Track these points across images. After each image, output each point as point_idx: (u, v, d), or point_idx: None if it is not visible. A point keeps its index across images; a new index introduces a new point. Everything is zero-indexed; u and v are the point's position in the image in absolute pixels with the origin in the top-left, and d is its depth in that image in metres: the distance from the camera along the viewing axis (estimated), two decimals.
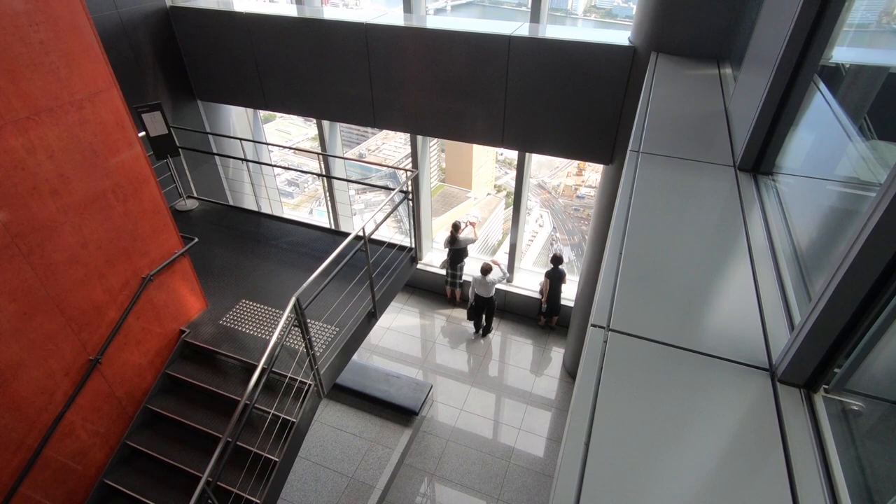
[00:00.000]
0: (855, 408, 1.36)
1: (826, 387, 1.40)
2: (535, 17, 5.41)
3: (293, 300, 3.35)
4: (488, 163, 17.19)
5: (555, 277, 6.81)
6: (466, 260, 7.48)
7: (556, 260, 6.75)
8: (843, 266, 1.26)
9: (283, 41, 5.95)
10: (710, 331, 1.59)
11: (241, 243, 5.46)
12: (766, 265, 1.86)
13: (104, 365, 3.65)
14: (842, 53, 2.31)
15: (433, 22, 5.45)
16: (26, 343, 3.14)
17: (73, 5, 3.05)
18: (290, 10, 6.07)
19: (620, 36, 4.68)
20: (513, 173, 7.76)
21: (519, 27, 5.03)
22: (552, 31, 5.02)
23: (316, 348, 3.89)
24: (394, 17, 5.64)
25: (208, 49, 6.46)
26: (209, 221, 5.81)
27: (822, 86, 2.34)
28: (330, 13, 6.01)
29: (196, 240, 4.29)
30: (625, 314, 1.62)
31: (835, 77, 2.34)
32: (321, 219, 10.17)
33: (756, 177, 2.38)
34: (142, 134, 4.98)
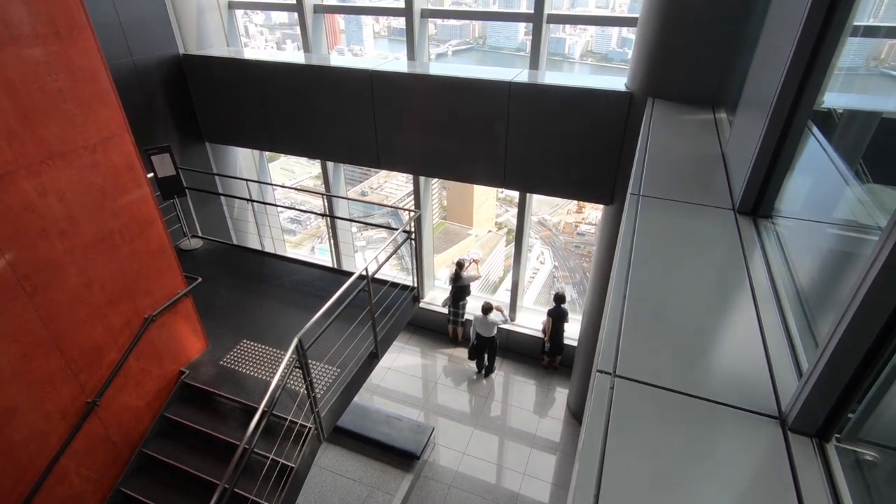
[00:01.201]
0: (869, 458, 1.33)
1: (838, 436, 1.37)
2: (534, 63, 5.61)
3: (295, 341, 3.33)
4: (489, 200, 17.39)
5: (557, 316, 6.77)
6: (469, 298, 7.46)
7: (559, 299, 6.73)
8: (848, 311, 1.26)
9: (290, 86, 6.15)
10: (718, 377, 1.58)
11: (244, 282, 5.48)
12: (770, 309, 1.86)
13: (102, 407, 3.59)
14: (833, 99, 2.38)
15: (436, 69, 5.64)
16: (24, 385, 3.11)
17: (91, 55, 3.17)
18: (299, 58, 6.31)
19: (617, 81, 4.84)
20: (513, 210, 7.84)
21: (519, 73, 5.21)
22: (551, 77, 5.19)
23: (317, 390, 3.84)
24: (398, 63, 5.85)
25: (218, 94, 6.67)
26: (213, 260, 5.84)
27: (815, 130, 2.40)
28: (336, 60, 6.24)
29: (199, 279, 4.31)
30: (631, 360, 1.61)
31: (828, 122, 2.40)
32: (323, 257, 10.21)
33: (756, 220, 2.41)
34: (150, 175, 5.09)
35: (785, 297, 1.93)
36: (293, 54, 6.80)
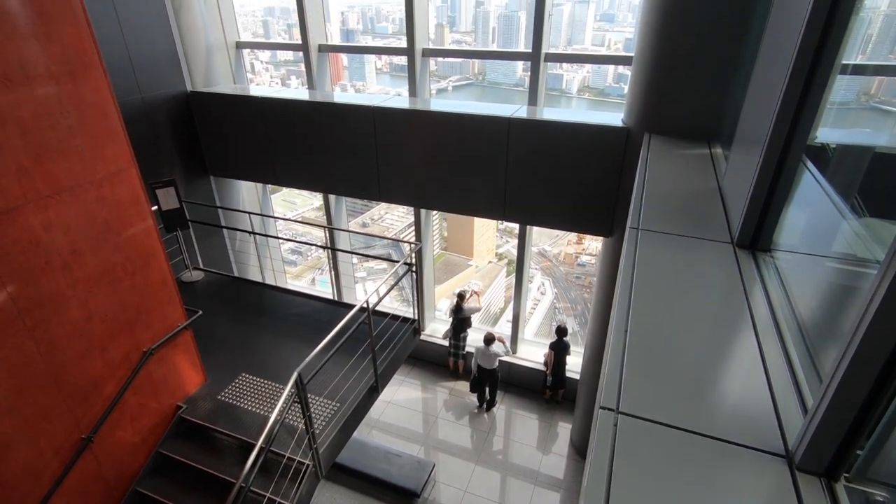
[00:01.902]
0: (880, 499, 1.30)
1: (847, 475, 1.35)
2: (532, 98, 5.75)
3: (295, 375, 3.30)
4: (490, 231, 17.49)
5: (559, 349, 6.71)
6: (469, 330, 7.41)
7: (561, 332, 6.68)
8: (850, 346, 1.26)
9: (294, 122, 6.29)
10: (722, 413, 1.56)
11: (245, 315, 5.46)
12: (772, 343, 1.86)
13: (96, 444, 3.52)
14: (827, 134, 2.43)
15: (437, 105, 5.78)
16: (19, 421, 3.06)
17: (102, 93, 3.27)
18: (303, 95, 6.48)
19: (614, 117, 4.95)
20: (514, 241, 7.89)
21: (518, 109, 5.34)
22: (549, 113, 5.32)
23: (316, 425, 3.78)
24: (399, 100, 6.01)
25: (223, 129, 6.82)
26: (214, 292, 5.84)
27: (810, 165, 2.44)
28: (340, 97, 6.41)
29: (200, 312, 4.30)
30: (634, 395, 1.60)
31: (822, 157, 2.45)
32: (324, 289, 10.20)
33: (755, 254, 2.43)
34: (154, 208, 5.15)
35: (787, 331, 1.92)
36: (297, 91, 6.98)
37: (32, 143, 2.91)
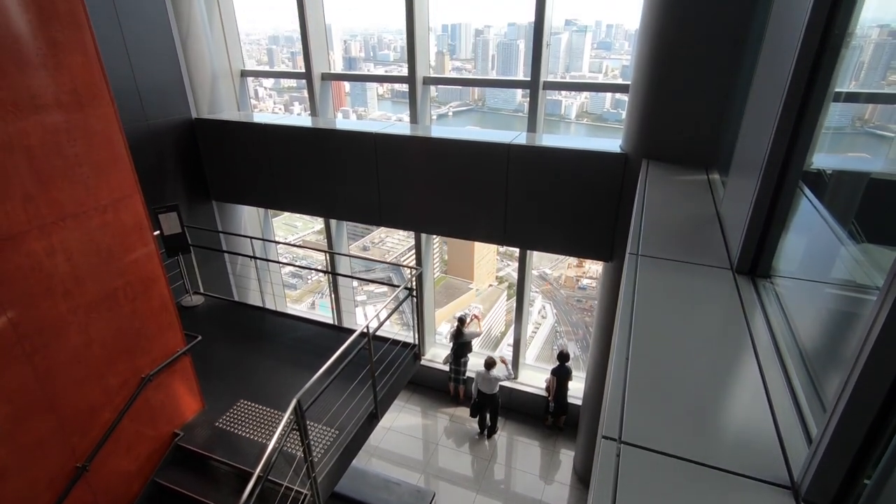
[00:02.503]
0: None
1: None
2: (531, 124, 5.85)
3: (294, 402, 3.27)
4: (490, 255, 17.51)
5: (561, 375, 6.64)
6: (470, 355, 7.36)
7: (563, 357, 6.63)
8: (852, 375, 1.26)
9: (297, 148, 6.38)
10: (726, 443, 1.55)
11: (244, 340, 5.43)
12: (774, 371, 1.85)
13: (91, 472, 3.46)
14: (823, 160, 2.45)
15: (437, 131, 5.88)
16: (14, 448, 3.02)
17: (109, 122, 3.33)
18: (305, 122, 6.59)
19: (612, 143, 5.02)
20: (514, 265, 7.89)
21: (517, 136, 5.43)
22: (548, 139, 5.40)
23: (314, 453, 3.72)
24: (401, 126, 6.10)
25: (226, 154, 6.91)
26: (214, 317, 5.83)
27: (807, 191, 2.46)
28: (342, 124, 6.51)
29: (199, 338, 4.28)
30: (636, 425, 1.58)
31: (819, 183, 2.47)
32: (324, 313, 10.17)
33: (754, 280, 2.44)
34: (156, 233, 5.18)
35: (789, 358, 1.92)
36: (299, 118, 7.10)
37: (39, 170, 2.95)
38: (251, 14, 7.66)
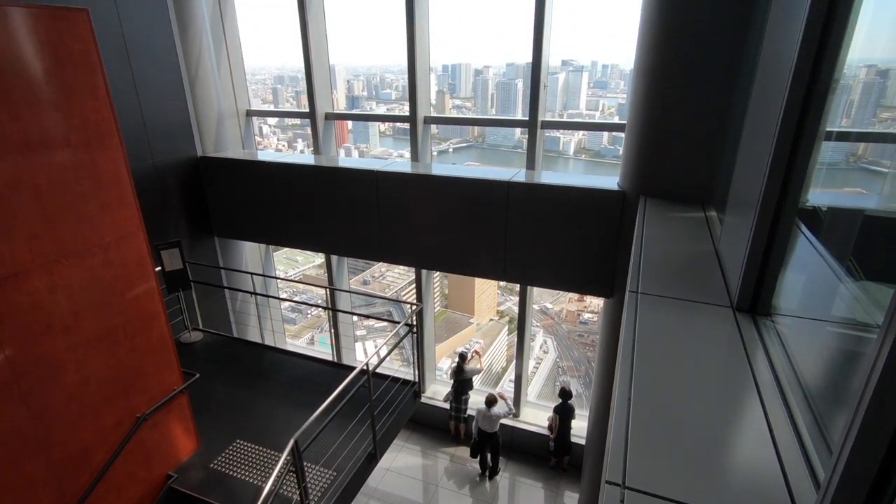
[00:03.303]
0: None
1: None
2: (530, 161, 5.96)
3: (291, 443, 3.20)
4: (490, 289, 17.46)
5: (564, 413, 6.52)
6: (471, 392, 7.24)
7: (565, 394, 6.52)
8: (857, 416, 1.24)
9: (299, 185, 6.48)
10: (731, 487, 1.51)
11: (242, 377, 5.37)
12: (778, 412, 1.83)
13: None
14: (818, 197, 2.48)
15: (438, 169, 5.98)
16: (3, 491, 2.94)
17: (116, 161, 3.40)
18: (308, 160, 6.72)
19: (610, 181, 5.10)
20: (515, 299, 7.86)
21: (516, 174, 5.52)
22: (547, 177, 5.49)
23: (311, 496, 3.62)
24: (402, 164, 6.22)
25: (230, 192, 7.01)
26: (212, 354, 5.78)
27: (804, 228, 2.48)
28: (344, 161, 6.64)
29: (197, 375, 4.23)
30: (640, 469, 1.55)
31: (815, 220, 2.49)
32: (323, 348, 10.07)
33: (755, 318, 2.43)
34: (158, 269, 5.19)
35: (792, 399, 1.89)
36: (302, 156, 7.24)
37: (45, 208, 3.00)
38: (257, 52, 7.92)
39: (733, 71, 3.98)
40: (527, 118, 5.81)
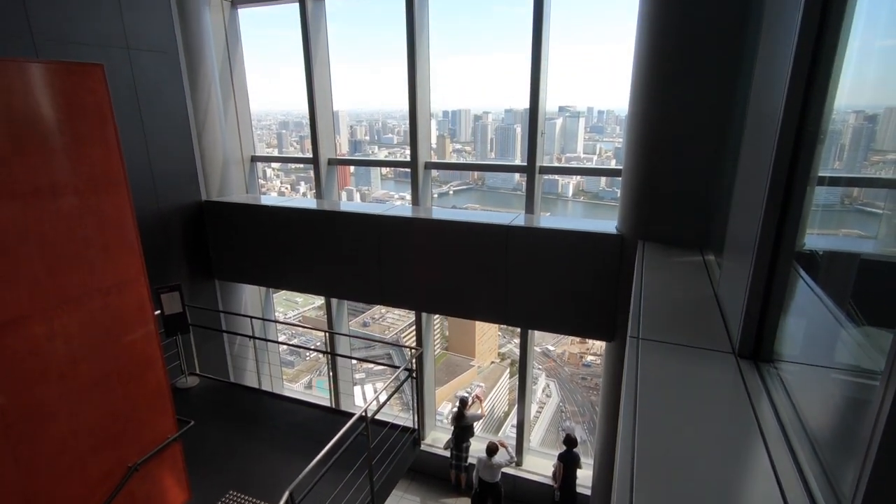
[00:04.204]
0: None
1: None
2: (529, 204, 6.04)
3: (286, 495, 3.10)
4: (492, 330, 17.29)
5: (569, 461, 6.32)
6: (472, 439, 7.04)
7: (570, 442, 6.33)
8: (866, 466, 1.22)
9: (300, 229, 6.56)
10: None
11: (238, 424, 5.24)
12: (785, 461, 1.78)
13: None
14: (814, 241, 2.49)
15: (438, 213, 6.07)
16: None
17: (122, 208, 3.45)
18: (310, 204, 6.83)
19: (608, 224, 5.16)
20: (516, 341, 7.78)
21: (516, 218, 5.59)
22: (546, 221, 5.57)
23: None
24: (403, 209, 6.31)
25: (232, 235, 7.09)
26: (208, 399, 5.67)
27: (802, 273, 2.48)
28: (346, 206, 6.74)
29: (192, 423, 4.14)
30: None
31: (813, 264, 2.49)
32: (321, 393, 9.89)
33: (758, 365, 2.41)
34: (157, 312, 5.18)
35: (799, 447, 1.85)
36: (304, 200, 7.36)
37: (49, 254, 3.02)
38: (263, 98, 8.18)
39: (725, 118, 4.08)
40: (525, 164, 5.94)
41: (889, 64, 1.98)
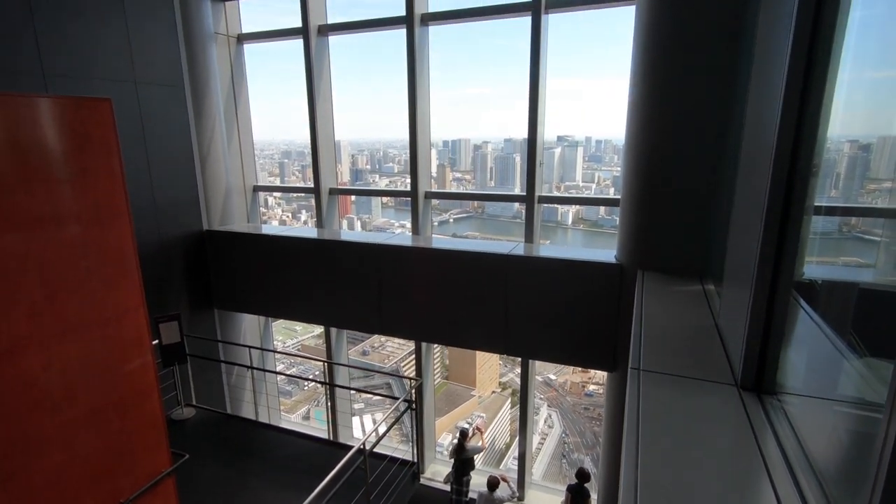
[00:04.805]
0: None
1: None
2: (529, 233, 6.08)
3: None
4: (492, 359, 17.10)
5: (579, 496, 6.13)
6: (473, 473, 6.87)
7: (583, 476, 6.13)
8: (872, 501, 1.19)
9: (301, 258, 6.58)
10: None
11: (234, 456, 5.14)
12: (790, 495, 1.75)
13: None
14: (813, 270, 2.49)
15: (438, 242, 6.10)
16: None
17: (124, 238, 3.47)
18: (311, 233, 6.87)
19: (608, 254, 5.17)
20: (518, 370, 7.69)
21: (515, 247, 5.61)
22: (545, 250, 5.59)
23: None
24: (403, 238, 6.34)
25: (233, 264, 7.11)
26: (204, 431, 5.57)
27: (803, 303, 2.47)
28: (346, 235, 6.78)
29: (186, 456, 4.05)
30: None
31: (812, 293, 2.48)
32: (319, 423, 9.72)
33: (761, 397, 2.38)
34: (155, 342, 5.14)
35: (804, 482, 1.81)
36: (305, 229, 7.42)
37: (49, 283, 3.03)
38: (266, 128, 8.32)
39: (720, 147, 4.14)
40: (524, 193, 6.01)
41: (878, 94, 2.02)
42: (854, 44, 2.04)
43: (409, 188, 6.72)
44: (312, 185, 7.28)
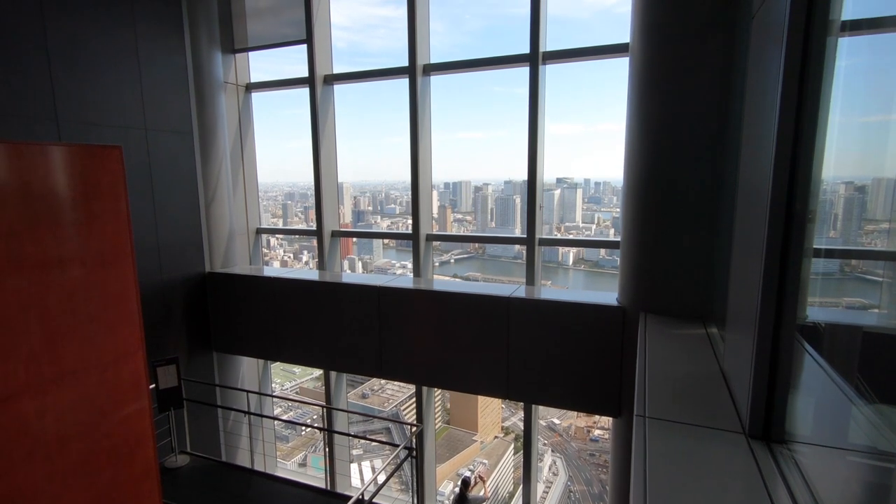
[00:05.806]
0: None
1: None
2: (529, 275, 6.08)
3: None
4: (494, 404, 16.72)
5: None
6: None
7: None
8: None
9: (302, 300, 6.56)
10: None
11: None
12: None
13: None
14: (815, 313, 2.46)
15: (439, 285, 6.10)
16: None
17: (127, 281, 3.49)
18: (312, 275, 6.88)
19: (609, 296, 5.16)
20: (521, 414, 7.49)
21: (516, 289, 5.61)
22: (546, 292, 5.57)
23: None
24: (404, 280, 6.35)
25: (233, 307, 7.08)
26: (197, 481, 5.39)
27: (808, 347, 2.44)
28: (347, 277, 6.79)
29: None
30: None
31: (817, 337, 2.44)
32: (316, 471, 9.41)
33: (770, 446, 2.32)
34: (152, 386, 5.06)
35: None
36: (307, 271, 7.44)
37: (49, 328, 3.02)
38: (271, 170, 8.45)
39: (717, 190, 4.20)
40: (525, 236, 6.06)
41: (868, 136, 2.07)
42: (842, 86, 2.11)
43: (410, 230, 6.78)
44: (315, 228, 7.36)
